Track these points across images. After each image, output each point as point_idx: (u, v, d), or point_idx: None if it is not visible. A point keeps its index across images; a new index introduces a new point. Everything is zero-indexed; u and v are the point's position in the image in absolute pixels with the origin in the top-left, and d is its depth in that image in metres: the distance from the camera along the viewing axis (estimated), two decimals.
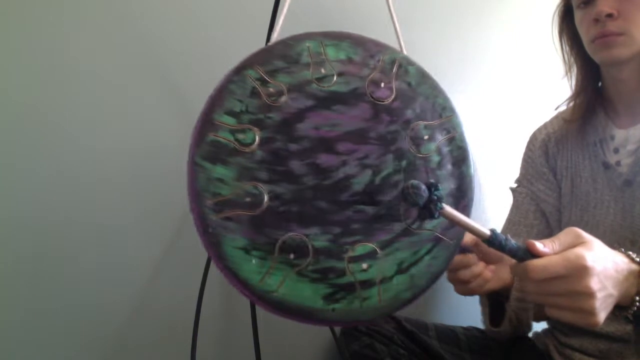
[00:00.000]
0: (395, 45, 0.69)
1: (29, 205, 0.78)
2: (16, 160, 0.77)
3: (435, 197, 0.55)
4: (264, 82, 0.61)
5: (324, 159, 0.61)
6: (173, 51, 0.87)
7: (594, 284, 0.50)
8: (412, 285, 0.63)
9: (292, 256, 0.59)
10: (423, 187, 0.54)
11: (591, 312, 0.50)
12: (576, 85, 0.83)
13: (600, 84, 0.83)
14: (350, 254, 0.61)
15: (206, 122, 0.59)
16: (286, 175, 0.60)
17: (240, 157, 0.59)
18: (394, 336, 0.84)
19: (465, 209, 0.66)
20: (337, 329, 0.90)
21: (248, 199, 0.58)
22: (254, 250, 0.58)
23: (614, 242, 0.66)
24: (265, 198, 0.59)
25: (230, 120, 0.59)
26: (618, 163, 0.77)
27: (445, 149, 0.66)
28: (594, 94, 0.82)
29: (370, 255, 0.61)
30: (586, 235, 0.53)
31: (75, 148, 0.80)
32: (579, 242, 0.52)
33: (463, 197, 0.66)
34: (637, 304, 0.55)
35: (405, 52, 0.69)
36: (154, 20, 0.85)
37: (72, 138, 0.80)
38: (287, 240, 0.59)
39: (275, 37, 0.63)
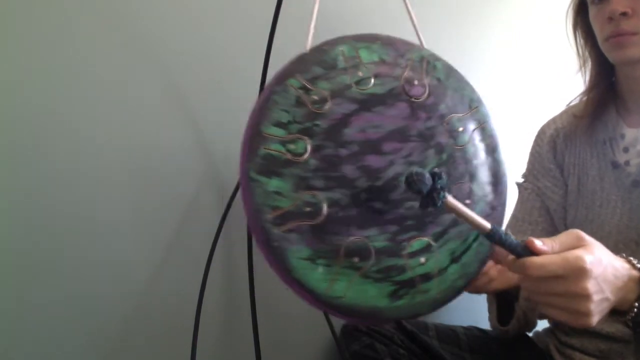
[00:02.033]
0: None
1: (29, 204, 0.75)
2: (16, 159, 0.74)
3: (439, 186, 0.54)
4: (307, 90, 0.60)
5: (373, 161, 0.62)
6: (173, 51, 0.85)
7: (591, 286, 0.49)
8: (464, 273, 0.65)
9: (356, 259, 0.59)
10: (427, 175, 0.54)
11: (585, 314, 0.50)
12: (590, 80, 0.83)
13: (613, 80, 0.83)
14: (408, 250, 0.62)
15: (255, 135, 0.58)
16: (341, 180, 0.60)
17: (294, 167, 0.58)
18: (394, 336, 0.85)
19: (502, 195, 0.69)
20: (337, 329, 0.91)
21: (308, 209, 0.58)
22: (319, 258, 0.58)
23: (619, 243, 0.66)
24: (324, 205, 0.59)
25: (279, 132, 0.59)
26: (627, 163, 0.76)
27: (478, 139, 0.69)
28: (607, 90, 0.81)
29: (427, 249, 0.63)
30: (588, 238, 0.53)
31: (76, 147, 0.78)
32: (579, 244, 0.52)
33: (498, 183, 0.69)
34: (636, 309, 0.55)
35: (427, 48, 0.71)
36: (154, 20, 0.84)
37: (72, 137, 0.78)
38: (349, 244, 0.59)
39: (308, 45, 0.63)
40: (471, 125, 0.68)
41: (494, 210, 0.68)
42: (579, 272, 0.49)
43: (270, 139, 0.58)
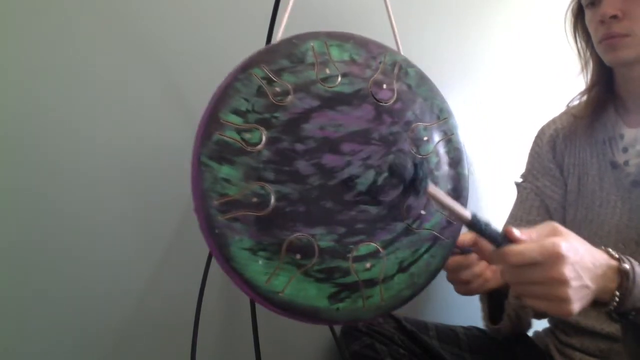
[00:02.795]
0: (393, 47, 0.70)
1: (28, 204, 0.76)
2: (16, 159, 0.75)
3: (421, 174, 0.55)
4: (270, 81, 0.60)
5: (329, 159, 0.61)
6: (173, 51, 0.86)
7: (568, 272, 0.50)
8: (412, 284, 0.64)
9: (298, 256, 0.59)
10: (410, 163, 0.55)
11: (564, 300, 0.51)
12: (590, 80, 0.83)
13: (612, 80, 0.83)
14: (354, 253, 0.61)
15: (212, 121, 0.58)
16: (293, 175, 0.59)
17: (247, 156, 0.58)
18: (394, 336, 0.85)
19: None
20: (338, 329, 0.91)
21: (255, 199, 0.58)
22: (260, 250, 0.58)
23: (619, 243, 0.66)
24: (272, 198, 0.58)
25: (236, 120, 0.58)
26: (626, 162, 0.76)
27: (443, 150, 0.68)
28: (606, 90, 0.81)
29: (373, 255, 0.62)
30: (563, 229, 0.54)
31: (76, 147, 0.79)
32: (555, 234, 0.53)
33: (458, 197, 0.68)
34: (617, 299, 0.55)
35: (402, 54, 0.70)
36: (154, 20, 0.84)
37: (72, 137, 0.79)
38: (294, 240, 0.59)
39: (279, 36, 0.62)
40: (437, 136, 0.68)
41: (450, 224, 0.67)
42: (555, 257, 0.50)
43: (227, 125, 0.58)
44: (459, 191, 0.68)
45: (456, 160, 0.68)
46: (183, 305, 0.85)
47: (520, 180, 0.93)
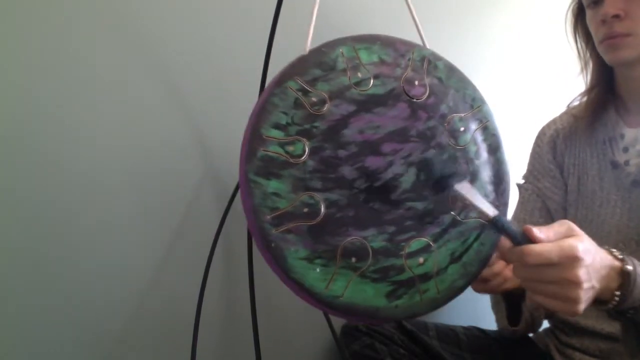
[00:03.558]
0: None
1: (28, 204, 0.76)
2: (16, 159, 0.75)
3: (446, 174, 0.57)
4: (305, 92, 0.61)
5: (372, 162, 0.62)
6: (173, 51, 0.86)
7: (582, 274, 0.51)
8: (465, 273, 0.65)
9: (353, 260, 0.60)
10: (437, 163, 0.58)
11: (575, 301, 0.52)
12: (590, 80, 0.84)
13: (613, 80, 0.83)
14: (407, 250, 0.62)
15: (254, 137, 0.59)
16: (339, 181, 0.61)
17: (293, 169, 0.59)
18: (394, 336, 0.85)
19: (504, 194, 0.69)
20: (338, 329, 0.91)
21: (305, 210, 0.59)
22: (316, 259, 0.59)
23: (619, 242, 0.67)
24: (322, 206, 0.59)
25: (278, 134, 0.60)
26: (627, 162, 0.77)
27: (480, 138, 0.68)
28: (607, 90, 0.82)
29: (425, 249, 0.63)
30: (578, 229, 0.55)
31: (76, 147, 0.79)
32: (571, 234, 0.54)
33: (500, 182, 0.68)
34: (617, 298, 0.57)
35: (429, 48, 0.70)
36: (155, 20, 0.84)
37: (72, 137, 0.78)
38: (347, 245, 0.60)
39: (308, 46, 0.63)
40: (473, 125, 0.68)
41: (496, 209, 0.67)
42: (573, 260, 0.51)
43: (269, 141, 0.59)
44: (500, 176, 0.68)
45: (494, 146, 0.69)
46: (183, 306, 0.85)
47: (521, 181, 0.93)
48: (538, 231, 0.54)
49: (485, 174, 0.68)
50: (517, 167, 0.92)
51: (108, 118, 0.81)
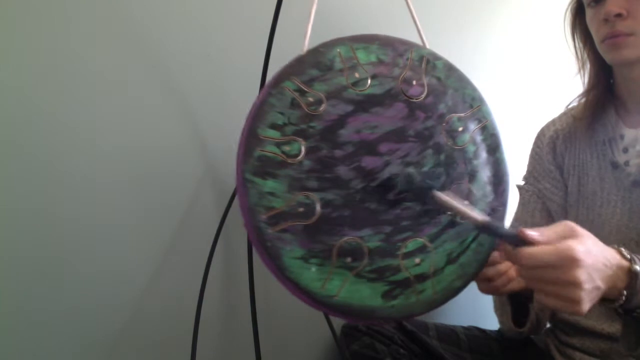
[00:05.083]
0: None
1: (28, 204, 0.76)
2: (15, 160, 0.75)
3: (425, 185, 0.58)
4: (302, 93, 0.61)
5: (368, 161, 0.62)
6: (173, 51, 0.86)
7: (582, 275, 0.51)
8: (462, 274, 0.65)
9: (349, 260, 0.60)
10: (416, 176, 0.59)
11: (577, 302, 0.52)
12: (588, 81, 0.83)
13: (612, 81, 0.83)
14: (403, 250, 0.62)
15: (251, 137, 0.60)
16: (335, 181, 0.61)
17: (289, 168, 0.60)
18: (394, 336, 0.85)
19: (504, 194, 0.69)
20: (338, 329, 0.91)
21: (301, 209, 0.59)
22: (311, 258, 0.59)
23: (619, 243, 0.65)
24: (318, 206, 0.60)
25: (274, 134, 0.60)
26: (627, 163, 0.77)
27: (479, 138, 0.68)
28: (606, 91, 0.81)
29: (422, 250, 0.63)
30: (580, 229, 0.54)
31: (76, 147, 0.79)
32: (572, 235, 0.54)
33: (500, 182, 0.68)
34: (624, 297, 0.57)
35: (429, 47, 0.70)
36: (155, 20, 0.84)
37: (71, 137, 0.79)
38: (343, 244, 0.60)
39: (305, 46, 0.63)
40: (472, 125, 0.68)
41: (495, 211, 0.67)
42: (570, 261, 0.51)
43: (266, 141, 0.60)
44: (500, 177, 0.68)
45: (493, 146, 0.68)
46: (183, 306, 0.86)
47: (522, 183, 0.93)
48: (534, 233, 0.54)
49: (484, 174, 0.67)
50: (516, 168, 0.91)
51: (108, 118, 0.81)
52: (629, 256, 0.57)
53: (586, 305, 0.53)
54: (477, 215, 0.56)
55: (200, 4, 0.87)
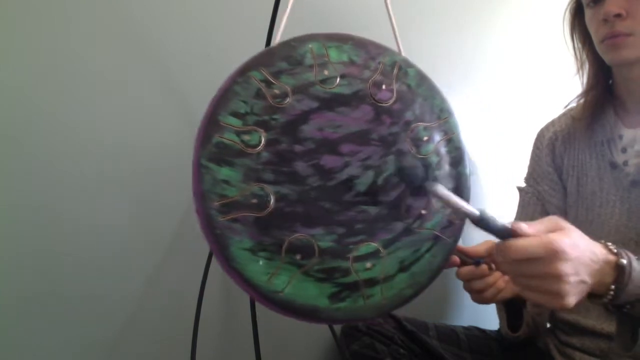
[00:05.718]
0: (394, 47, 0.71)
1: (28, 204, 0.76)
2: (15, 160, 0.76)
3: (430, 176, 0.57)
4: (268, 84, 0.61)
5: (328, 160, 0.62)
6: (173, 51, 0.87)
7: (566, 268, 0.50)
8: (413, 283, 0.64)
9: (298, 257, 0.59)
10: (420, 167, 0.57)
11: (561, 295, 0.51)
12: (587, 82, 0.82)
13: (611, 81, 0.83)
14: (355, 253, 0.62)
15: (211, 123, 0.59)
16: (291, 176, 0.60)
17: (246, 158, 0.59)
18: (395, 336, 0.85)
19: None
20: (338, 329, 0.91)
21: (254, 200, 0.58)
22: (260, 251, 0.58)
23: (618, 243, 0.65)
24: (272, 199, 0.59)
25: (235, 122, 0.59)
26: (625, 163, 0.77)
27: (443, 150, 0.68)
28: (605, 91, 0.81)
29: (374, 255, 0.62)
30: (565, 224, 0.54)
31: (76, 147, 0.80)
32: (557, 228, 0.53)
33: (460, 196, 0.67)
34: (612, 292, 0.56)
35: (403, 54, 0.70)
36: (155, 20, 0.85)
37: (71, 137, 0.79)
38: (294, 240, 0.59)
39: (278, 38, 0.63)
40: (437, 136, 0.68)
41: (452, 224, 0.67)
42: (554, 254, 0.50)
43: (226, 128, 0.59)
44: (460, 190, 0.68)
45: (457, 159, 0.68)
46: (183, 305, 0.86)
47: (522, 184, 0.93)
48: (525, 227, 0.53)
49: (445, 185, 0.67)
50: (516, 168, 0.94)
51: (108, 118, 0.82)
52: (615, 250, 0.56)
53: (571, 299, 0.52)
54: (472, 208, 0.55)
55: (200, 4, 0.88)
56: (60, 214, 0.79)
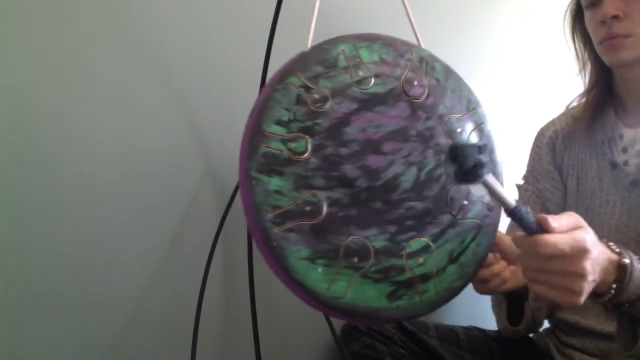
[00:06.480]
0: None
1: (28, 204, 0.74)
2: (15, 160, 0.73)
3: (483, 161, 0.53)
4: (307, 89, 0.60)
5: (374, 160, 0.62)
6: (173, 51, 0.85)
7: (588, 266, 0.51)
8: (462, 274, 0.65)
9: (355, 260, 0.59)
10: (473, 148, 0.53)
11: (577, 293, 0.52)
12: (589, 81, 0.84)
13: (611, 81, 0.83)
14: (407, 250, 0.62)
15: (256, 133, 0.58)
16: (341, 180, 0.60)
17: (295, 166, 0.58)
18: (395, 336, 0.85)
19: None
20: (338, 329, 0.91)
21: (308, 208, 0.58)
22: (318, 258, 0.58)
23: (618, 242, 0.67)
24: (325, 205, 0.58)
25: (280, 130, 0.58)
26: (626, 163, 0.77)
27: (476, 139, 0.69)
28: (605, 91, 0.82)
29: (425, 249, 0.63)
30: (584, 221, 0.55)
31: (76, 147, 0.77)
32: (580, 225, 0.54)
33: None
34: (613, 291, 0.57)
35: (425, 49, 0.71)
36: (155, 20, 0.83)
37: (71, 137, 0.77)
38: (350, 244, 0.59)
39: (309, 44, 0.62)
40: (469, 126, 0.69)
41: (491, 211, 0.68)
42: (583, 251, 0.51)
43: (271, 137, 0.58)
44: (495, 177, 0.69)
45: (489, 148, 0.70)
46: (183, 305, 0.85)
47: (521, 182, 0.94)
48: (554, 222, 0.53)
49: None
50: (516, 168, 0.95)
51: (108, 118, 0.79)
52: (618, 250, 0.58)
53: (584, 297, 0.53)
54: (510, 200, 0.55)
55: (200, 4, 0.86)
56: (60, 213, 0.76)
